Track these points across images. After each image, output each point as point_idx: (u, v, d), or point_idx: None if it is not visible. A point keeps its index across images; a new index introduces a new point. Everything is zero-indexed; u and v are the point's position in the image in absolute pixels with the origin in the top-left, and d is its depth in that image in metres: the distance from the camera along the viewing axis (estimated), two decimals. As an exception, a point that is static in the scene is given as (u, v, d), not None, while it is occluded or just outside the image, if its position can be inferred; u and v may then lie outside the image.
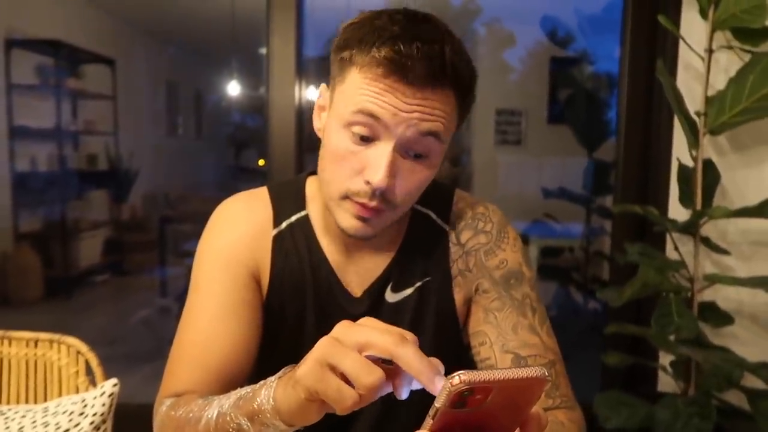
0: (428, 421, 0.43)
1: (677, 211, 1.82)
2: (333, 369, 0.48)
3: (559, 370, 0.76)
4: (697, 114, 1.71)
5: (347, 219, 0.72)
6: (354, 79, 0.69)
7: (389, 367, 0.48)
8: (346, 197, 0.72)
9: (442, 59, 0.67)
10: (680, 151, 1.82)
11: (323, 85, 0.78)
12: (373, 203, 0.70)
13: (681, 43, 1.79)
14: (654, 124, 1.96)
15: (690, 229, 1.73)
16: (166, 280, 4.58)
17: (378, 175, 0.68)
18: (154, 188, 6.23)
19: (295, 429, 0.55)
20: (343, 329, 0.50)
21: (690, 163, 1.74)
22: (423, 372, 0.45)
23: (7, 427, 0.96)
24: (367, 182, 0.69)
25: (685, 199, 1.75)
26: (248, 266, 0.80)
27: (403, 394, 0.48)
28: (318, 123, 0.78)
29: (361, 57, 0.68)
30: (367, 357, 0.48)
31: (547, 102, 4.92)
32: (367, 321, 0.51)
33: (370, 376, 0.46)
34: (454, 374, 0.40)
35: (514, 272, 0.80)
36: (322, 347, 0.49)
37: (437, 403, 0.41)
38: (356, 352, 0.48)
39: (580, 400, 0.77)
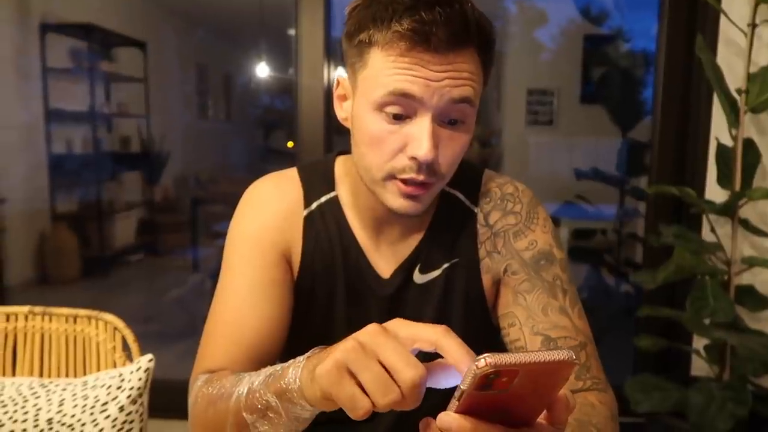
0: (454, 403, 0.42)
1: (715, 192, 1.78)
2: (351, 375, 0.48)
3: (590, 352, 0.75)
4: (738, 91, 1.65)
5: (395, 199, 0.72)
6: (377, 60, 0.68)
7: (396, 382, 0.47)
8: (390, 177, 0.71)
9: (463, 19, 0.66)
10: (719, 130, 1.77)
11: (339, 75, 0.77)
12: (421, 177, 0.70)
13: (722, 18, 1.73)
14: (692, 102, 1.91)
15: (728, 210, 1.69)
16: (198, 260, 4.67)
17: (423, 149, 0.67)
18: (185, 170, 6.33)
19: (321, 410, 0.56)
20: (370, 335, 0.48)
21: (729, 143, 1.69)
22: (463, 360, 0.45)
23: (49, 399, 0.99)
24: (412, 158, 0.69)
25: (724, 180, 1.70)
26: (279, 246, 0.81)
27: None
28: (342, 113, 0.77)
29: (380, 35, 0.67)
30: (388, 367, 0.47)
31: (580, 81, 4.81)
32: (397, 323, 0.50)
33: (388, 393, 0.46)
34: (480, 357, 0.39)
35: (544, 253, 0.79)
36: (345, 352, 0.48)
37: (463, 385, 0.41)
38: (378, 364, 0.46)
39: (612, 383, 0.76)
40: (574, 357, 0.40)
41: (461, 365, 0.45)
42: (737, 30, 1.68)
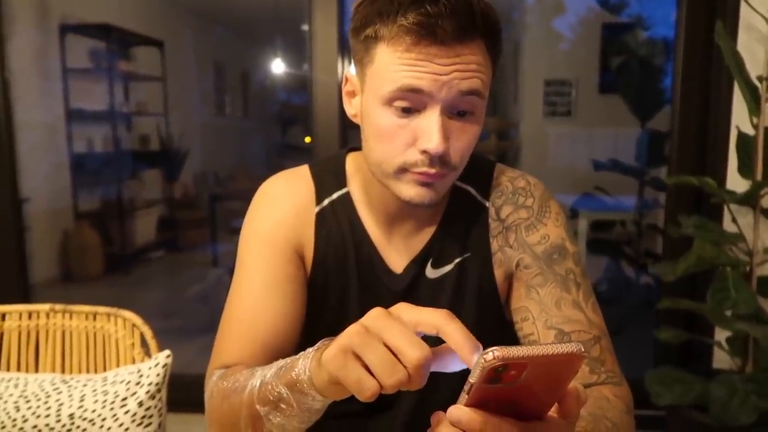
0: (463, 397, 0.42)
1: (736, 182, 1.75)
2: (357, 358, 0.48)
3: (604, 346, 0.74)
4: (759, 79, 1.62)
5: (410, 189, 0.72)
6: (384, 56, 0.68)
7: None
8: (403, 170, 0.71)
9: (469, 10, 0.65)
10: (740, 118, 1.73)
11: (347, 71, 0.77)
12: (434, 170, 0.70)
13: (743, 4, 1.69)
14: (712, 90, 1.87)
15: (749, 200, 1.66)
16: (217, 256, 4.72)
17: (433, 142, 0.67)
18: (203, 167, 6.39)
19: (332, 400, 0.56)
20: (373, 319, 0.49)
21: (750, 132, 1.66)
22: (464, 345, 0.45)
23: (71, 395, 1.02)
24: (424, 151, 0.69)
25: (745, 170, 1.67)
26: (292, 243, 0.81)
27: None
28: (351, 109, 0.78)
29: (386, 29, 0.67)
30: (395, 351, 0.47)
31: (598, 71, 4.74)
32: (401, 306, 0.50)
33: (394, 374, 0.46)
34: (488, 350, 0.39)
35: (556, 247, 0.79)
36: (349, 335, 0.49)
37: (472, 379, 0.41)
38: (383, 346, 0.47)
39: (632, 377, 0.76)
40: (582, 349, 0.40)
41: (462, 350, 0.45)
42: (758, 16, 1.64)
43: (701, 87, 1.89)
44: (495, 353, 0.39)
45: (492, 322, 0.83)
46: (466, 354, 0.45)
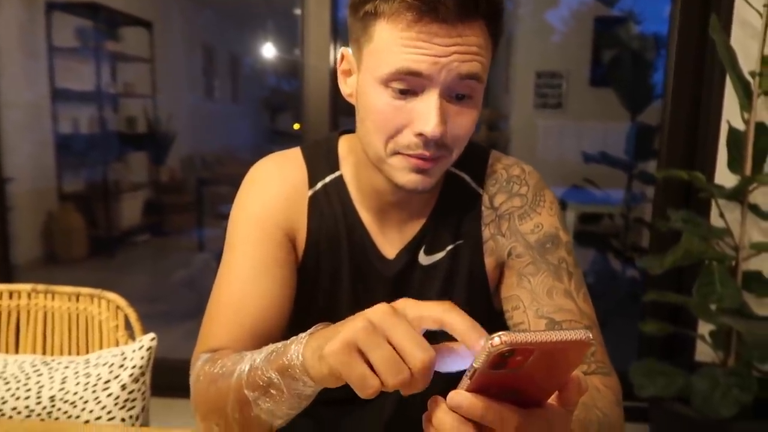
0: (465, 381, 0.42)
1: (724, 177, 1.76)
2: (361, 354, 0.47)
3: (594, 336, 0.74)
4: (752, 74, 1.62)
5: (403, 175, 0.71)
6: (383, 33, 0.66)
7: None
8: (396, 153, 0.70)
9: None
10: (731, 113, 1.74)
11: (344, 49, 0.76)
12: (429, 153, 0.69)
13: (737, -2, 1.69)
14: (704, 85, 1.87)
15: (738, 195, 1.67)
16: (203, 241, 4.68)
17: (430, 125, 0.66)
18: (191, 151, 6.32)
19: (323, 386, 0.56)
20: (380, 315, 0.48)
21: (741, 127, 1.66)
22: (468, 334, 0.45)
23: (51, 377, 1.00)
24: (419, 134, 0.68)
25: (734, 165, 1.68)
26: (282, 226, 0.80)
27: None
28: (346, 89, 0.76)
29: (387, 5, 0.65)
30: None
31: (589, 64, 4.75)
32: (405, 303, 0.49)
33: (398, 374, 0.45)
34: (495, 335, 0.39)
35: (550, 236, 0.78)
36: (354, 330, 0.47)
37: (476, 363, 0.40)
38: (388, 344, 0.46)
39: (616, 368, 0.76)
40: (590, 337, 0.40)
41: (467, 339, 0.45)
42: (752, 10, 1.64)
43: (693, 81, 1.89)
44: (502, 338, 0.38)
45: (481, 310, 0.82)
46: (472, 341, 0.45)
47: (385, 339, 0.46)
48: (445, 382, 0.45)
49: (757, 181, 1.61)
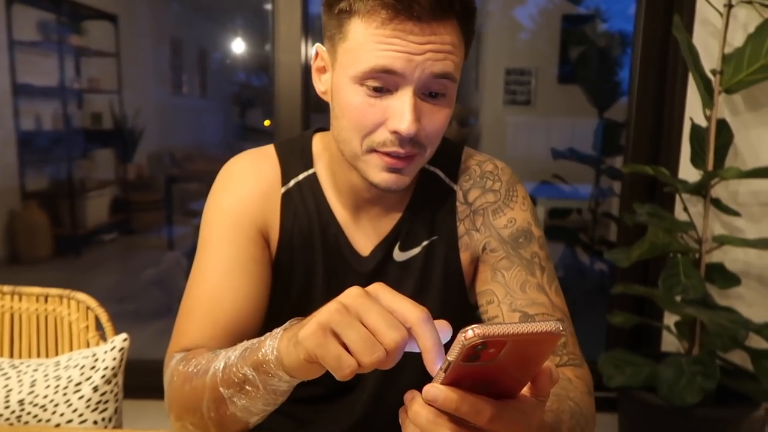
0: (440, 375, 0.42)
1: (688, 172, 1.81)
2: (336, 336, 0.48)
3: (566, 329, 0.76)
4: (713, 72, 1.67)
5: (377, 173, 0.71)
6: (358, 32, 0.67)
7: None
8: (371, 151, 0.71)
9: None
10: (694, 110, 1.79)
11: (318, 46, 0.75)
12: (404, 150, 0.69)
13: (699, -2, 1.74)
14: (668, 83, 1.92)
15: (700, 190, 1.72)
16: (173, 239, 4.61)
17: (404, 122, 0.67)
18: (159, 147, 6.20)
19: (298, 381, 0.56)
20: (353, 298, 0.49)
21: (703, 123, 1.71)
22: (432, 354, 0.45)
23: (20, 381, 0.98)
24: (394, 132, 0.68)
25: (697, 160, 1.72)
26: (256, 223, 0.80)
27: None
28: (320, 86, 0.76)
29: (361, 3, 0.66)
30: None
31: (557, 61, 4.82)
32: (378, 288, 0.50)
33: (373, 353, 0.46)
34: (468, 328, 0.39)
35: (522, 231, 0.79)
36: (328, 313, 0.48)
37: (450, 357, 0.41)
38: (361, 325, 0.47)
39: (585, 359, 0.78)
40: (561, 328, 0.41)
41: (428, 354, 0.46)
42: (713, 10, 1.69)
43: (658, 79, 1.94)
44: (475, 331, 0.39)
45: (456, 305, 0.83)
46: (431, 360, 0.45)
47: (358, 320, 0.47)
48: (421, 376, 0.46)
49: (718, 176, 1.66)
